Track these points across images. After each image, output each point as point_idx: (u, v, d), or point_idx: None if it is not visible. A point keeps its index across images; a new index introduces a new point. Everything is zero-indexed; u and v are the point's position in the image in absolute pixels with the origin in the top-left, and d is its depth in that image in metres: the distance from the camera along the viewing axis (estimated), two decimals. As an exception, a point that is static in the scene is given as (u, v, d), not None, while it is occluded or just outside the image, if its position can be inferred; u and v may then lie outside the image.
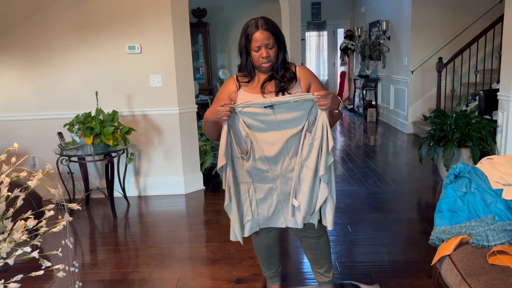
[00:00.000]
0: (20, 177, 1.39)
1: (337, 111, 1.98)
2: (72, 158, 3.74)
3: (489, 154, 3.88)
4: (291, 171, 2.03)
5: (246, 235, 2.12)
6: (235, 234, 2.10)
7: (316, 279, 2.36)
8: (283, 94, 1.98)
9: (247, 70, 2.02)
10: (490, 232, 1.84)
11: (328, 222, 2.06)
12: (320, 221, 2.11)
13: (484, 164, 2.15)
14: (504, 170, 2.04)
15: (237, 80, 2.07)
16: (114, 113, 3.75)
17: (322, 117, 1.93)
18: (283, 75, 2.01)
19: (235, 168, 2.05)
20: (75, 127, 3.68)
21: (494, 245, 1.80)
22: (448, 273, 1.83)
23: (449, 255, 1.88)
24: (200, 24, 7.47)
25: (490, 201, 1.93)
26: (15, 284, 1.29)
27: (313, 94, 1.90)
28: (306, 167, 1.99)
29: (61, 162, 3.70)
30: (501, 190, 1.97)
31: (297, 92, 2.00)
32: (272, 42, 1.94)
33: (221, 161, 1.99)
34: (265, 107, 1.92)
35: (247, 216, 2.10)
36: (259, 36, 1.91)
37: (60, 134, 3.83)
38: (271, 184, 2.05)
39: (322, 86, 2.08)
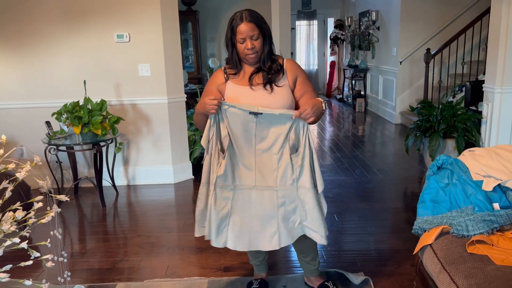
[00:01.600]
0: (9, 168, 1.40)
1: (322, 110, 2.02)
2: (60, 147, 3.72)
3: (474, 145, 3.95)
4: (265, 187, 2.03)
5: (221, 245, 2.10)
6: (210, 232, 2.08)
7: (302, 267, 2.41)
8: (270, 86, 2.00)
9: (233, 63, 2.04)
10: (470, 222, 1.89)
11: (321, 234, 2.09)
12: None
13: (466, 156, 2.20)
14: (484, 162, 2.10)
15: (225, 72, 2.08)
16: (103, 102, 3.73)
17: (306, 132, 1.98)
18: (270, 66, 2.03)
19: (211, 163, 2.06)
20: (63, 116, 3.66)
21: (474, 234, 1.86)
22: (429, 262, 1.89)
23: (430, 244, 1.94)
24: (189, 12, 7.39)
25: (471, 192, 1.99)
26: (5, 274, 1.31)
27: (296, 112, 1.92)
28: (304, 188, 2.02)
29: (49, 151, 3.68)
30: (481, 181, 2.02)
31: (284, 85, 2.03)
32: (257, 33, 1.95)
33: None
34: (250, 112, 1.94)
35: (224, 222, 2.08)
36: (244, 28, 1.93)
37: (48, 123, 3.81)
38: (248, 191, 2.05)
39: (308, 80, 2.11)
